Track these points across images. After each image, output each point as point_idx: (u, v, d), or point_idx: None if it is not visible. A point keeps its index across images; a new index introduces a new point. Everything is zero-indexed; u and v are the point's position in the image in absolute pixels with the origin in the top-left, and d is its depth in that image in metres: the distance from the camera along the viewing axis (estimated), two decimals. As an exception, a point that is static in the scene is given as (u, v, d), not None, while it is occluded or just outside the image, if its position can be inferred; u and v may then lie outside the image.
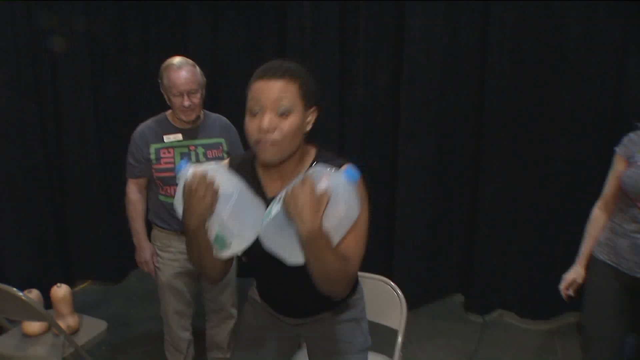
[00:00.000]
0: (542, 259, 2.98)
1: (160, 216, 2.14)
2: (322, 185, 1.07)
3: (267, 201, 1.23)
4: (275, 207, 1.13)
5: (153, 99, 2.47)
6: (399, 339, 1.82)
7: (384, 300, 1.91)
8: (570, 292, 1.93)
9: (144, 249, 2.15)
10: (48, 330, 2.19)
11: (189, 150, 2.07)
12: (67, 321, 2.15)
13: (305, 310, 1.45)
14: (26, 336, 2.15)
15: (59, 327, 1.97)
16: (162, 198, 2.11)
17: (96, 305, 3.28)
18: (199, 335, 2.43)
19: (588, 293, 1.89)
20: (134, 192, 2.14)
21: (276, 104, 1.14)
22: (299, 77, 1.18)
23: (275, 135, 1.15)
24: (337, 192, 1.10)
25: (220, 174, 1.17)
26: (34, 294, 2.15)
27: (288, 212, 1.08)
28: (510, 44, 2.79)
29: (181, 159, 2.05)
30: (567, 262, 2.83)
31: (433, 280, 3.28)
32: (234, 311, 2.40)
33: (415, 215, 3.15)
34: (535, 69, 2.78)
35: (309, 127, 1.25)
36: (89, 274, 3.51)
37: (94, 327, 2.24)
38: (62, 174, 3.30)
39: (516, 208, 3.01)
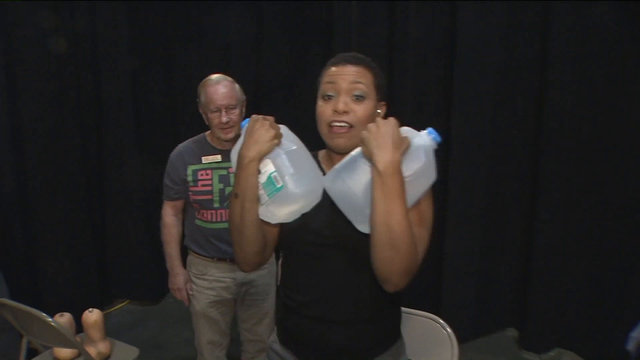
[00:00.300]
0: (607, 295, 2.72)
1: (196, 241, 2.05)
2: (405, 129, 1.08)
3: None
4: (350, 155, 1.10)
5: (195, 119, 2.39)
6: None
7: (431, 339, 1.69)
8: None
9: (178, 275, 2.05)
10: (79, 355, 2.13)
11: (228, 172, 1.97)
12: (98, 347, 2.07)
13: (336, 353, 1.21)
14: (57, 360, 2.09)
15: (88, 355, 1.89)
16: (198, 223, 2.02)
17: (133, 327, 3.23)
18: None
19: None
20: (169, 215, 2.06)
21: (352, 88, 1.15)
22: (374, 67, 1.20)
23: (349, 118, 1.14)
24: (418, 146, 1.06)
25: (286, 130, 1.18)
26: (65, 318, 2.08)
27: (367, 145, 1.02)
28: (573, 57, 2.58)
29: (219, 181, 1.95)
30: (636, 300, 2.57)
31: (484, 312, 3.05)
32: (272, 343, 2.27)
33: (466, 242, 2.94)
34: (602, 85, 2.56)
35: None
36: (128, 294, 3.48)
37: (125, 354, 2.16)
38: (103, 192, 3.28)
39: (578, 237, 2.76)
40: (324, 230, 1.17)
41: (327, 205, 1.14)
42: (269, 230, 1.20)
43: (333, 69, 1.18)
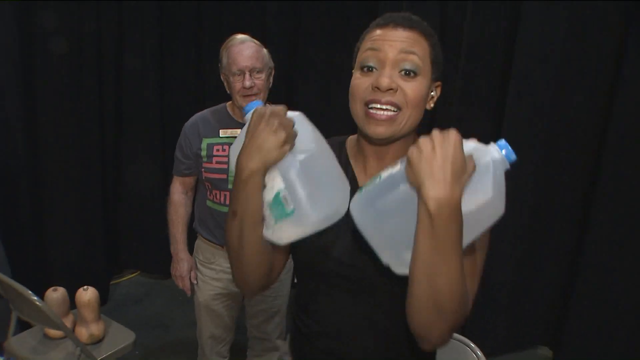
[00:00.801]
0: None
1: (206, 225, 1.82)
2: (470, 146, 0.75)
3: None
4: (387, 172, 0.80)
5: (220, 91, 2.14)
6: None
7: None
8: None
9: (182, 261, 1.83)
10: (69, 335, 1.96)
11: (248, 150, 1.71)
12: (91, 329, 1.89)
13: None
14: (47, 337, 1.93)
15: (75, 339, 1.71)
16: (209, 204, 1.78)
17: (139, 301, 3.07)
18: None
19: None
20: (177, 192, 1.83)
21: (402, 59, 0.85)
22: (432, 35, 0.90)
23: (396, 99, 0.85)
24: (486, 170, 0.74)
25: (302, 123, 0.85)
26: (59, 293, 1.90)
27: (415, 170, 0.72)
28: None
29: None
30: None
31: (515, 327, 2.77)
32: (280, 343, 2.05)
33: (503, 249, 2.64)
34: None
35: (432, 105, 0.93)
36: (139, 265, 3.31)
37: (120, 338, 1.96)
38: (119, 160, 3.09)
39: (633, 255, 2.44)
40: (347, 260, 0.90)
41: (350, 228, 0.86)
42: (276, 250, 0.94)
43: (378, 31, 0.88)
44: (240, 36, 1.69)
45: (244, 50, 1.63)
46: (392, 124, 0.86)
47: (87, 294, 1.88)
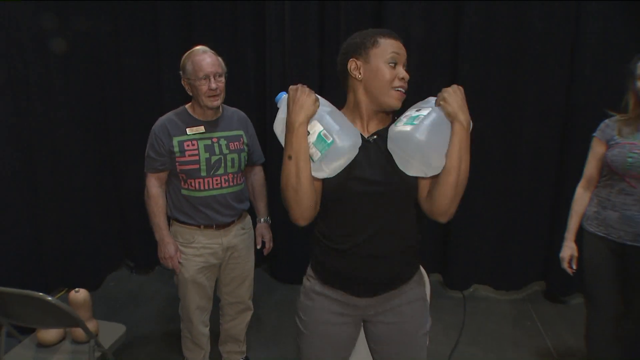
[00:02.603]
0: (509, 238, 3.28)
1: (183, 211, 2.11)
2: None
3: (366, 140, 1.38)
4: (416, 113, 1.29)
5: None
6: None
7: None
8: (573, 266, 2.16)
9: (169, 244, 2.09)
10: (64, 338, 2.09)
11: (212, 142, 2.06)
12: (88, 326, 2.05)
13: (382, 282, 1.44)
14: (42, 346, 2.04)
15: (89, 332, 1.89)
16: (185, 192, 2.08)
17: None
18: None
19: (587, 261, 2.12)
20: (155, 187, 2.09)
21: (405, 61, 1.37)
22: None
23: (406, 85, 1.36)
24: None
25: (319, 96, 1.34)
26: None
27: (451, 105, 1.24)
28: (479, 40, 3.02)
29: (205, 151, 2.03)
30: (528, 237, 3.11)
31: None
32: (251, 303, 2.42)
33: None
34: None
35: None
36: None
37: (113, 331, 2.16)
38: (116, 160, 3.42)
39: (486, 192, 3.25)
40: (376, 179, 1.35)
41: (367, 158, 1.36)
42: (318, 186, 1.36)
43: (391, 40, 1.35)
44: (201, 47, 2.02)
45: (207, 59, 1.97)
46: (402, 100, 1.37)
47: (81, 295, 2.05)
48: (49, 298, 1.76)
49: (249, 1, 3.22)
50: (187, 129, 2.05)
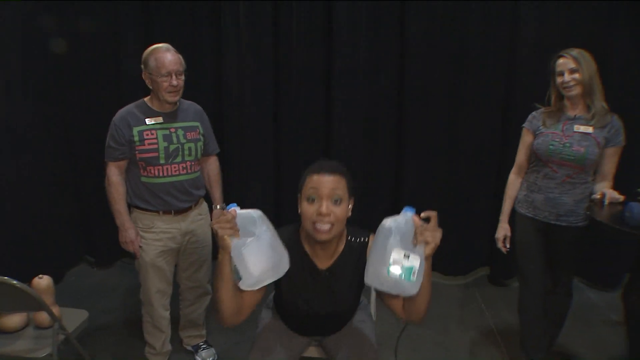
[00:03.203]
0: (457, 226, 3.46)
1: (142, 198, 2.21)
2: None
3: (319, 272, 1.57)
4: (414, 260, 1.33)
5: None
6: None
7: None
8: (507, 245, 2.37)
9: (129, 229, 2.19)
10: (27, 324, 2.14)
11: (170, 132, 2.17)
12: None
13: (331, 331, 1.78)
14: (4, 332, 2.08)
15: (53, 315, 1.96)
16: (144, 180, 2.18)
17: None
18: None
19: (518, 241, 2.34)
20: (115, 175, 2.17)
21: (332, 194, 1.41)
22: (346, 175, 1.47)
23: (331, 219, 1.41)
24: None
25: (258, 219, 1.38)
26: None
27: (424, 238, 1.33)
28: (423, 40, 3.22)
29: (164, 140, 2.14)
30: (474, 226, 3.33)
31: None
32: (210, 288, 2.53)
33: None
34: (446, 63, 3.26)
35: (350, 213, 1.50)
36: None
37: (76, 317, 2.21)
38: None
39: (433, 184, 3.44)
40: (318, 311, 1.63)
41: (315, 288, 1.59)
42: (247, 296, 1.44)
43: (315, 177, 1.42)
44: (163, 45, 2.12)
45: (169, 56, 2.08)
46: (330, 233, 1.43)
47: (45, 281, 2.10)
48: (14, 282, 1.83)
49: (207, 1, 3.34)
50: (146, 120, 2.15)
